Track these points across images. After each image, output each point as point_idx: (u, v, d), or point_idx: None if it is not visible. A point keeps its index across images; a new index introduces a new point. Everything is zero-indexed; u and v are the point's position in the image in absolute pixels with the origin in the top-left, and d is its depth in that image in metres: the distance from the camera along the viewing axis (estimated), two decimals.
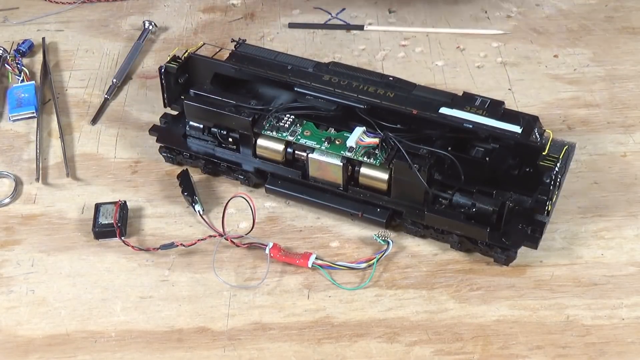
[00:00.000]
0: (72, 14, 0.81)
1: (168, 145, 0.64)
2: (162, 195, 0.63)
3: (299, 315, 0.55)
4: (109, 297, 0.57)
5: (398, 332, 0.54)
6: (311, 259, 0.57)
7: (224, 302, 0.56)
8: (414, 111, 0.58)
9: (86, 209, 0.62)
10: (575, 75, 0.72)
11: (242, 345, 0.54)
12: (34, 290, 0.57)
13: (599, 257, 0.58)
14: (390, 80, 0.61)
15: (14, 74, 0.73)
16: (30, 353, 0.54)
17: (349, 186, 0.60)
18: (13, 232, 0.61)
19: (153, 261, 0.59)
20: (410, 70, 0.74)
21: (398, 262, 0.58)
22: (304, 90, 0.61)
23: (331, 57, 0.75)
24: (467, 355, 0.52)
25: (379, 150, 0.58)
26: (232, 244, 0.59)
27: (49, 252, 0.60)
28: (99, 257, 0.59)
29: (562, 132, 0.66)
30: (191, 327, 0.55)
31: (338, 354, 0.53)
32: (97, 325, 0.55)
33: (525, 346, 0.53)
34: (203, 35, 0.78)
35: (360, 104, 0.59)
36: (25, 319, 0.56)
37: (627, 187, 0.62)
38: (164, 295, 0.57)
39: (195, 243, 0.58)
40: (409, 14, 0.80)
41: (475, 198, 0.56)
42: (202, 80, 0.64)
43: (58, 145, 0.67)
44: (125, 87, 0.73)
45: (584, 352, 0.52)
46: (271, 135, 0.60)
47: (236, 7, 0.82)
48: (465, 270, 0.57)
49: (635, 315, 0.54)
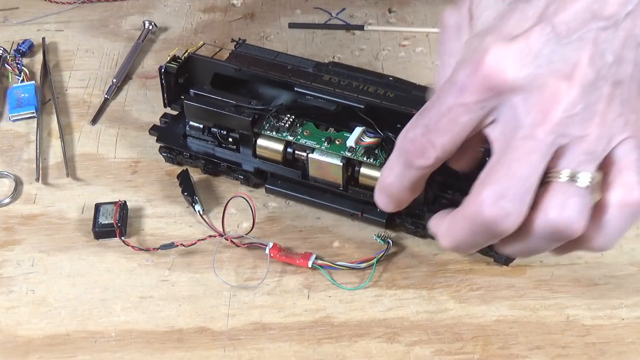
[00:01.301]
0: (72, 14, 0.81)
1: (168, 145, 0.64)
2: (162, 195, 0.63)
3: (299, 315, 0.55)
4: (109, 297, 0.57)
5: (398, 332, 0.54)
6: (311, 259, 0.57)
7: (224, 302, 0.56)
8: (413, 111, 0.58)
9: (86, 209, 0.62)
10: None
11: (242, 345, 0.54)
12: (34, 290, 0.57)
13: (599, 257, 0.58)
14: (390, 80, 0.61)
15: (14, 74, 0.73)
16: (30, 353, 0.54)
17: (349, 186, 0.60)
18: (13, 232, 0.61)
19: (153, 261, 0.59)
20: (410, 70, 0.74)
21: (398, 262, 0.58)
22: (304, 90, 0.61)
23: (331, 57, 0.75)
24: (467, 355, 0.52)
25: (379, 150, 0.58)
26: (232, 244, 0.59)
27: (49, 252, 0.60)
28: (99, 257, 0.59)
29: None
30: (191, 327, 0.55)
31: (338, 354, 0.53)
32: (97, 325, 0.55)
33: (525, 346, 0.53)
34: (203, 35, 0.78)
35: (360, 104, 0.59)
36: (25, 319, 0.56)
37: None
38: (164, 295, 0.57)
39: (195, 243, 0.58)
40: (409, 14, 0.80)
41: None
42: (202, 80, 0.64)
43: (58, 145, 0.67)
44: (125, 87, 0.73)
45: (584, 352, 0.52)
46: (271, 135, 0.60)
47: (236, 7, 0.82)
48: (465, 270, 0.57)
49: (635, 315, 0.54)
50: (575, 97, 0.41)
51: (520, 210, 0.43)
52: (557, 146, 0.42)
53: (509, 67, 0.41)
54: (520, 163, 0.42)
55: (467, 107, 0.42)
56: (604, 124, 0.42)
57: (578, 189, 0.43)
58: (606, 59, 0.42)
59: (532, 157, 0.42)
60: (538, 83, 0.41)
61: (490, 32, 0.43)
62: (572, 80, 0.41)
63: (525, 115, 0.42)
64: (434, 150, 0.44)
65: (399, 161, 0.46)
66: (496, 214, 0.43)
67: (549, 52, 0.41)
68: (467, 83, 0.42)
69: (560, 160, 0.43)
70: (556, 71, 0.41)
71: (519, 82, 0.42)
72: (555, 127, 0.42)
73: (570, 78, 0.41)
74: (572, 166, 0.42)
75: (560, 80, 0.41)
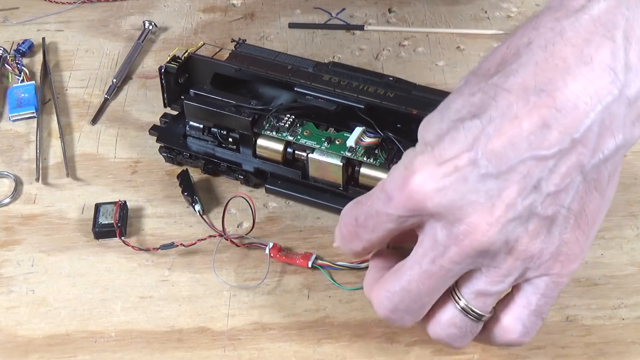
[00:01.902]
0: (72, 14, 0.81)
1: (168, 145, 0.64)
2: (162, 195, 0.63)
3: (299, 315, 0.55)
4: (109, 297, 0.57)
5: (398, 332, 0.54)
6: (311, 259, 0.57)
7: (224, 302, 0.56)
8: (413, 111, 0.58)
9: (86, 209, 0.62)
10: None
11: (242, 345, 0.54)
12: (34, 290, 0.57)
13: (599, 257, 0.58)
14: (390, 80, 0.61)
15: (14, 74, 0.73)
16: (30, 353, 0.54)
17: (349, 186, 0.60)
18: (13, 232, 0.61)
19: (153, 261, 0.59)
20: (410, 71, 0.74)
21: None
22: (304, 90, 0.61)
23: (331, 57, 0.75)
24: (467, 355, 0.52)
25: (379, 150, 0.58)
26: (232, 244, 0.59)
27: (49, 252, 0.60)
28: (99, 257, 0.59)
29: None
30: (191, 327, 0.55)
31: (338, 354, 0.53)
32: (97, 325, 0.55)
33: (525, 346, 0.53)
34: (203, 35, 0.78)
35: (360, 104, 0.59)
36: (25, 319, 0.56)
37: (627, 187, 0.62)
38: (164, 295, 0.57)
39: (195, 243, 0.58)
40: (409, 14, 0.80)
41: None
42: (202, 80, 0.64)
43: (58, 145, 0.67)
44: (125, 87, 0.73)
45: (584, 352, 0.52)
46: (271, 135, 0.60)
47: (236, 7, 0.82)
48: None
49: (635, 315, 0.54)
50: (493, 235, 0.40)
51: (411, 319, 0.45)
52: (465, 271, 0.42)
53: (432, 193, 0.40)
54: (418, 284, 0.42)
55: (391, 217, 0.42)
56: (519, 259, 0.41)
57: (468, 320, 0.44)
58: (539, 193, 0.40)
59: (433, 281, 0.42)
60: (459, 214, 0.40)
61: (424, 151, 0.41)
62: (492, 215, 0.39)
63: (441, 241, 0.41)
64: (361, 242, 0.45)
65: (341, 235, 0.46)
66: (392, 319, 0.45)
67: (474, 183, 0.39)
68: (394, 197, 0.41)
69: (463, 287, 0.43)
70: (479, 204, 0.39)
71: (440, 209, 0.40)
72: (464, 259, 0.41)
73: (491, 212, 0.39)
74: (472, 298, 0.43)
75: (482, 214, 0.39)
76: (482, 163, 0.39)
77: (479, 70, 0.42)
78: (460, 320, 0.44)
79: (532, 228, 0.40)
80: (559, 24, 0.41)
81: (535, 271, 0.42)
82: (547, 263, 0.42)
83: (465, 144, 0.40)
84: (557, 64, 0.40)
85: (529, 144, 0.39)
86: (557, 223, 0.41)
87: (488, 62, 0.42)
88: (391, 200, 0.41)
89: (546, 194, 0.40)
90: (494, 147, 0.39)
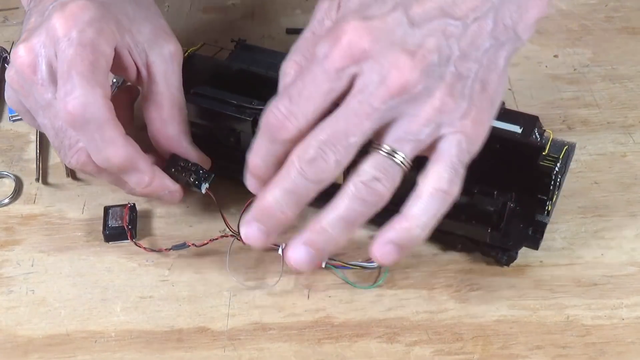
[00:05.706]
0: None
1: None
2: None
3: (299, 315, 0.55)
4: (109, 297, 0.57)
5: (398, 332, 0.54)
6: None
7: (224, 302, 0.56)
8: None
9: (86, 209, 0.62)
10: (575, 75, 0.72)
11: (242, 345, 0.54)
12: (34, 290, 0.57)
13: (599, 257, 0.58)
14: None
15: None
16: (30, 353, 0.54)
17: None
18: (13, 232, 0.61)
19: (153, 261, 0.59)
20: None
21: (398, 262, 0.58)
22: None
23: None
24: (467, 355, 0.52)
25: None
26: (244, 244, 0.58)
27: (49, 252, 0.60)
28: (99, 257, 0.59)
29: (562, 132, 0.66)
30: (191, 327, 0.55)
31: (338, 354, 0.53)
32: (97, 325, 0.55)
33: (525, 346, 0.53)
34: (203, 35, 0.78)
35: None
36: (25, 319, 0.56)
37: (627, 187, 0.62)
38: (164, 295, 0.57)
39: (207, 243, 0.58)
40: None
41: (476, 198, 0.56)
42: (202, 80, 0.64)
43: None
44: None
45: (584, 352, 0.52)
46: None
47: (236, 7, 0.82)
48: (465, 270, 0.57)
49: (635, 315, 0.54)
50: (416, 76, 0.45)
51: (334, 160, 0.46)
52: (388, 119, 0.46)
53: (366, 38, 0.45)
54: (348, 123, 0.46)
55: (329, 74, 0.46)
56: (436, 109, 0.46)
57: (392, 164, 0.46)
58: (452, 50, 0.46)
59: (361, 120, 0.46)
60: (389, 57, 0.45)
61: (350, 14, 0.47)
62: (416, 58, 0.45)
63: (369, 82, 0.45)
64: (296, 120, 0.47)
65: (263, 140, 0.48)
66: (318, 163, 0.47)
67: (401, 34, 0.46)
68: (329, 53, 0.46)
69: (385, 136, 0.47)
70: (405, 49, 0.45)
71: (373, 52, 0.45)
72: (390, 100, 0.45)
73: (414, 56, 0.45)
74: (394, 143, 0.46)
75: (407, 56, 0.45)
76: (407, 19, 0.46)
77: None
78: (385, 163, 0.46)
79: (448, 80, 0.46)
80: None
81: (449, 127, 0.46)
82: (460, 121, 0.46)
83: (391, 6, 0.46)
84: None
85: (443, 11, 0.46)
86: (467, 84, 0.46)
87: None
88: (327, 57, 0.46)
89: (459, 51, 0.46)
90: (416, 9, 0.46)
